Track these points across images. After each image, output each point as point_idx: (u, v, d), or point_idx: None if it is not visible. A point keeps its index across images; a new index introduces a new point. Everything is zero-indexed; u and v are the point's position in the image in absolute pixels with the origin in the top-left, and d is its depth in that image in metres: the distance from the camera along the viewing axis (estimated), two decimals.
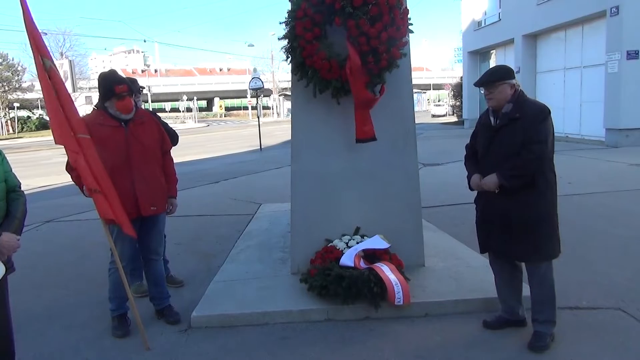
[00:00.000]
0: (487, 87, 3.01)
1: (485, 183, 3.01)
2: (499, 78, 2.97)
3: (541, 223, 2.92)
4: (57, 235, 6.55)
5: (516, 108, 2.93)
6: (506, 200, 2.95)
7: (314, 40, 3.63)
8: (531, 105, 2.95)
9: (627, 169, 9.74)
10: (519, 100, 2.97)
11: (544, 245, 2.94)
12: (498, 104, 2.99)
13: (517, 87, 3.01)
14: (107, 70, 3.54)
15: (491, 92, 2.99)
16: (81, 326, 3.60)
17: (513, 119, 2.92)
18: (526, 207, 2.91)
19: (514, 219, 2.93)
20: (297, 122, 4.15)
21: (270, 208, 7.17)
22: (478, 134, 3.23)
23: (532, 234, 2.92)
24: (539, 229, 2.92)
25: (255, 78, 19.28)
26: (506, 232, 2.99)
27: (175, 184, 3.72)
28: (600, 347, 2.98)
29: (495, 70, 3.07)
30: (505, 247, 3.05)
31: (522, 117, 2.89)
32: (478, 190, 3.16)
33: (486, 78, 3.03)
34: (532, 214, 2.91)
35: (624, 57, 13.00)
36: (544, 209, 2.93)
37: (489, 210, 3.09)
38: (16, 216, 2.44)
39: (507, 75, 2.99)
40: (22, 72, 41.49)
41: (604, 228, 5.53)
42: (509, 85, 2.97)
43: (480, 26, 22.54)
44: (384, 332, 3.29)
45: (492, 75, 3.01)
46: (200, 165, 13.75)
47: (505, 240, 3.02)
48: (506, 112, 2.97)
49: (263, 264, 4.54)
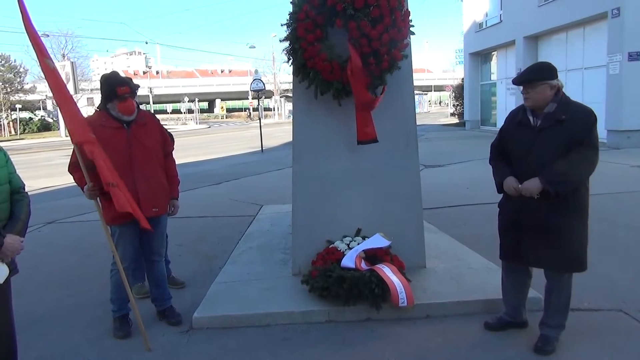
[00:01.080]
0: (525, 87, 2.81)
1: (526, 188, 2.78)
2: (539, 78, 2.77)
3: (578, 232, 2.81)
4: (59, 236, 6.56)
5: (561, 109, 2.76)
6: (544, 207, 2.78)
7: (315, 42, 3.64)
8: (578, 108, 2.79)
9: (629, 170, 9.73)
10: (563, 100, 2.79)
11: (577, 255, 2.83)
12: (535, 105, 2.82)
13: (559, 86, 2.82)
14: (109, 71, 3.55)
15: (529, 92, 2.80)
16: (83, 327, 3.61)
17: (559, 120, 2.73)
18: (565, 214, 2.77)
19: (551, 226, 2.78)
20: (298, 123, 4.16)
21: (272, 209, 7.17)
22: (510, 133, 3.00)
23: (569, 244, 2.80)
24: (575, 238, 2.81)
25: (256, 79, 19.31)
26: (541, 240, 2.82)
27: (177, 186, 3.73)
28: (602, 349, 2.97)
29: (536, 69, 2.85)
30: (537, 255, 2.87)
31: (568, 119, 2.72)
32: (514, 194, 2.88)
33: (525, 77, 2.82)
34: (570, 222, 2.78)
35: (625, 58, 12.98)
36: (581, 219, 2.82)
37: (524, 216, 2.87)
38: (20, 218, 2.44)
39: (549, 75, 2.78)
40: (24, 73, 41.61)
41: (606, 230, 5.52)
42: (549, 86, 2.77)
43: (481, 28, 22.55)
44: (385, 334, 3.30)
45: (533, 74, 2.80)
46: (202, 167, 13.76)
47: (538, 247, 2.85)
48: (550, 113, 2.78)
49: (264, 265, 4.55)
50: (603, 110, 14.03)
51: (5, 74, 39.94)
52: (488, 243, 4.91)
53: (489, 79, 23.17)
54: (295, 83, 4.02)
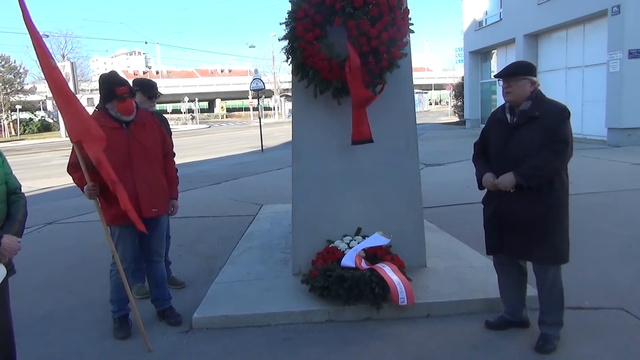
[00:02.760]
0: (507, 80, 2.91)
1: (501, 182, 2.90)
2: (522, 72, 2.88)
3: (555, 225, 2.86)
4: (59, 237, 6.55)
5: (535, 106, 2.85)
6: (521, 201, 2.86)
7: (314, 41, 3.63)
8: (552, 105, 2.87)
9: (629, 168, 9.71)
10: (537, 98, 2.88)
11: (557, 247, 2.88)
12: (516, 99, 2.90)
13: (537, 85, 2.91)
14: (108, 71, 3.53)
15: (511, 86, 2.89)
16: (82, 328, 3.60)
17: (533, 117, 2.83)
18: (540, 207, 2.83)
19: (527, 218, 2.86)
20: (298, 122, 4.15)
21: (272, 209, 7.16)
22: (490, 131, 3.13)
23: (546, 236, 2.85)
24: (553, 231, 2.85)
25: (256, 79, 19.29)
26: (518, 232, 2.91)
27: (176, 186, 3.72)
28: (603, 348, 2.96)
29: (519, 64, 2.96)
30: (517, 248, 2.98)
31: (542, 116, 2.80)
32: (491, 189, 3.02)
33: (508, 71, 2.92)
34: (546, 215, 2.84)
35: (625, 56, 12.95)
36: (558, 211, 2.86)
37: (503, 210, 2.98)
38: (17, 218, 2.44)
39: (530, 71, 2.89)
40: (24, 74, 41.61)
41: (607, 228, 5.50)
42: (529, 81, 2.88)
43: (481, 26, 22.51)
44: (385, 333, 3.29)
45: (515, 69, 2.91)
46: (202, 167, 13.75)
47: (518, 241, 2.94)
48: (525, 110, 2.87)
49: (264, 265, 4.54)
50: (603, 108, 14.03)
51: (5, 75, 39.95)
52: None
53: (489, 77, 23.13)
54: (294, 82, 4.01)
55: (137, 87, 4.04)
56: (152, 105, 4.07)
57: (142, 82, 4.12)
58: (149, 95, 4.00)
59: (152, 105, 4.07)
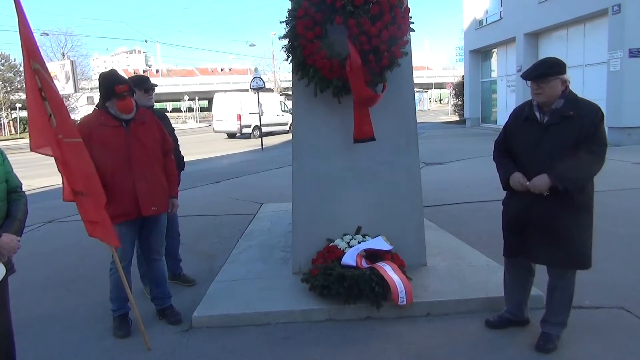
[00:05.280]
0: (538, 82, 2.73)
1: (535, 185, 2.73)
2: (551, 72, 2.70)
3: (582, 230, 2.78)
4: (58, 235, 6.55)
5: (569, 105, 2.71)
6: (551, 204, 2.73)
7: (314, 39, 3.62)
8: (586, 104, 2.74)
9: (630, 167, 9.71)
10: (570, 97, 2.74)
11: (582, 254, 2.80)
12: (548, 100, 2.74)
13: (568, 82, 2.76)
14: (107, 70, 3.52)
15: (541, 87, 2.72)
16: (82, 326, 3.60)
17: (566, 116, 2.69)
18: (572, 213, 2.73)
19: (558, 224, 2.74)
20: (298, 121, 4.14)
21: (272, 208, 7.16)
22: (516, 129, 2.94)
23: (573, 242, 2.77)
24: (580, 236, 2.78)
25: (256, 78, 19.23)
26: (546, 237, 2.79)
27: (176, 184, 3.71)
28: (603, 347, 2.96)
29: (549, 64, 2.76)
30: (541, 252, 2.85)
31: (576, 116, 2.67)
32: (521, 190, 2.83)
33: (537, 71, 2.74)
34: (576, 220, 2.75)
35: (626, 55, 12.94)
36: (587, 217, 2.79)
37: (529, 213, 2.83)
38: (17, 217, 2.43)
39: (561, 69, 2.73)
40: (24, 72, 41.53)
41: (607, 227, 5.49)
42: (560, 80, 2.72)
43: (481, 25, 22.50)
44: (385, 332, 3.28)
45: (544, 69, 2.73)
46: (202, 165, 13.73)
47: (542, 245, 2.81)
48: (557, 109, 2.73)
49: (264, 264, 4.54)
50: (604, 107, 13.97)
51: (5, 73, 39.89)
52: (489, 241, 4.91)
53: (489, 76, 23.14)
54: (294, 81, 4.00)
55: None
56: (150, 98, 4.05)
57: (133, 79, 4.09)
58: (144, 88, 3.98)
59: (151, 99, 4.05)
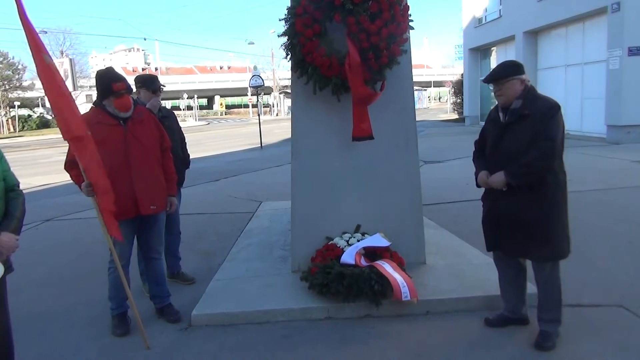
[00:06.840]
0: (496, 84, 2.93)
1: (492, 181, 2.94)
2: (508, 74, 2.89)
3: (550, 222, 2.85)
4: (57, 234, 6.55)
5: (526, 104, 2.84)
6: (515, 199, 2.88)
7: (313, 37, 3.61)
8: (541, 102, 2.86)
9: (629, 165, 9.71)
10: (529, 96, 2.87)
11: (552, 244, 2.87)
12: (508, 100, 2.91)
13: (527, 82, 2.90)
14: (104, 68, 3.51)
15: (501, 89, 2.91)
16: (81, 325, 3.60)
17: (522, 115, 2.83)
18: (535, 206, 2.84)
19: (523, 217, 2.87)
20: (297, 119, 4.13)
21: (271, 206, 7.16)
22: (486, 130, 3.15)
23: (541, 233, 2.85)
24: (547, 228, 2.85)
25: (255, 76, 19.26)
26: (514, 230, 2.93)
27: (174, 183, 3.70)
28: (602, 345, 2.96)
29: (504, 66, 2.97)
30: (513, 245, 3.00)
31: (531, 114, 2.80)
32: (485, 187, 3.08)
33: (495, 74, 2.93)
34: (541, 213, 2.84)
35: (625, 53, 12.93)
36: (553, 209, 2.86)
37: (497, 208, 3.01)
38: (15, 215, 2.42)
39: (517, 71, 2.90)
40: (22, 70, 41.41)
41: (606, 225, 5.51)
42: (518, 80, 2.88)
43: (481, 23, 22.48)
44: (385, 330, 3.28)
45: (501, 72, 2.92)
46: (201, 163, 13.71)
47: (513, 238, 2.96)
48: (515, 109, 2.87)
49: (264, 262, 4.53)
50: (603, 105, 14.01)
51: (3, 71, 39.77)
52: None
53: None
54: (293, 79, 3.99)
55: (139, 83, 4.02)
56: (158, 98, 4.04)
57: (143, 78, 4.10)
58: (152, 89, 3.99)
59: (158, 99, 4.04)
